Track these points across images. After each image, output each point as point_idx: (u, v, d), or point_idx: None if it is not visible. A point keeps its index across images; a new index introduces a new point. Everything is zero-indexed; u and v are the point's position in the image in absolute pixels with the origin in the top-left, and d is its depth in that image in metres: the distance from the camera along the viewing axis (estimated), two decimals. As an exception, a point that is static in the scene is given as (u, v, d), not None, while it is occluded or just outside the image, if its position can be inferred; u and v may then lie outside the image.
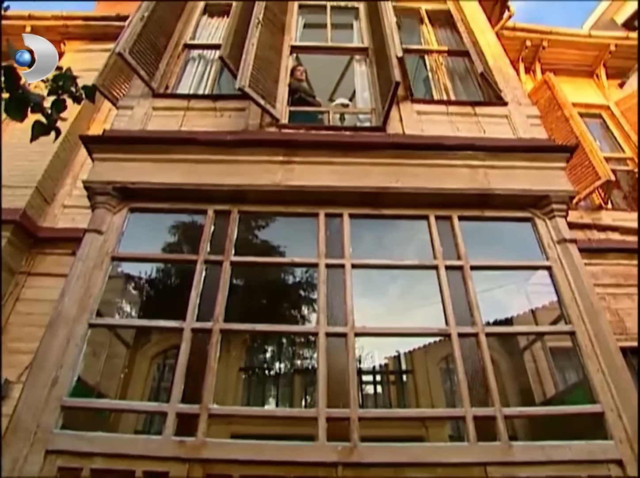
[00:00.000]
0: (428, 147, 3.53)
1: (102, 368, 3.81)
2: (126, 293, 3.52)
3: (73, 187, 5.26)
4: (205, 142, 3.50)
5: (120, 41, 3.79)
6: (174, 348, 3.24)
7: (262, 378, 4.01)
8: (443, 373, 4.29)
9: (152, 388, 4.13)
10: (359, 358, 3.68)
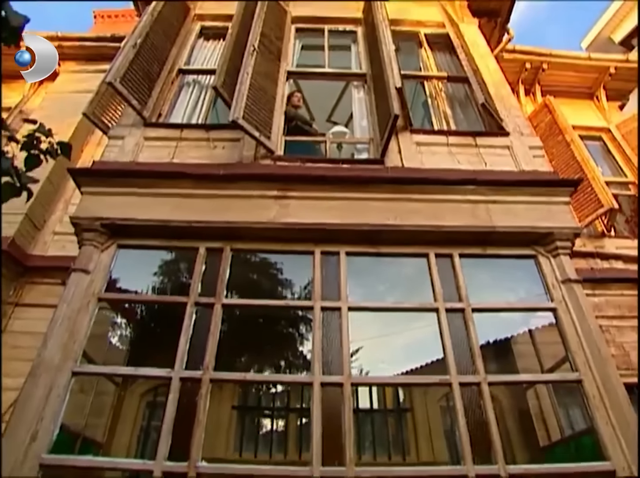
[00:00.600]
0: (428, 182, 3.42)
1: (90, 406, 3.66)
2: (113, 334, 3.38)
3: (64, 213, 5.13)
4: (197, 176, 3.38)
5: (111, 69, 3.69)
6: (164, 386, 3.11)
7: (256, 418, 3.86)
8: (443, 412, 4.14)
9: (142, 428, 3.97)
10: (355, 400, 3.54)
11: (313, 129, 4.74)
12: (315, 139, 4.43)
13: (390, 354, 4.23)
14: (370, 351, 3.89)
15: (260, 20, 4.38)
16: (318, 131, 4.84)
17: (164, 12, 4.57)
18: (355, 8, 5.40)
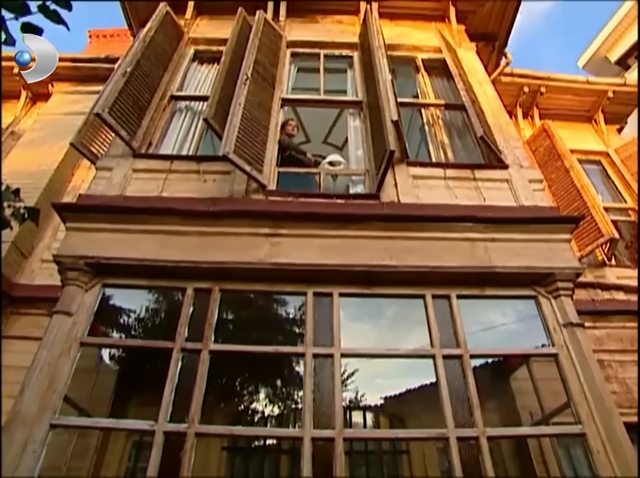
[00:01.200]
0: (425, 219, 3.32)
1: (73, 448, 3.51)
2: (97, 377, 3.24)
3: (53, 239, 5.02)
4: (186, 213, 3.26)
5: (99, 99, 3.59)
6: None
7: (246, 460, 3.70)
8: (440, 454, 3.99)
9: (128, 469, 3.81)
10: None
11: (307, 158, 4.64)
12: (309, 170, 4.32)
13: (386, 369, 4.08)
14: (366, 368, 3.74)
15: (254, 47, 4.30)
16: (312, 161, 4.74)
17: (157, 38, 4.48)
18: (352, 32, 5.35)
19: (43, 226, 5.08)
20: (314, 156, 6.99)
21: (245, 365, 3.05)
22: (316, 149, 6.92)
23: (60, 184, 5.39)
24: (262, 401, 3.39)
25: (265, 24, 4.73)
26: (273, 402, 3.30)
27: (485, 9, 5.65)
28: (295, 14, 5.53)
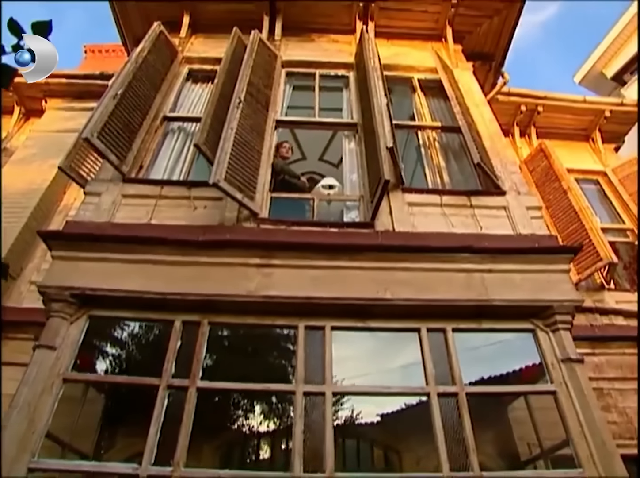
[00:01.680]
0: (420, 250, 3.24)
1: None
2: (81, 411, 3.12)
3: (42, 261, 4.90)
4: (175, 242, 3.18)
5: (88, 123, 3.51)
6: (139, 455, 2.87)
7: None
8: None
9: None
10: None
11: (301, 182, 4.57)
12: (303, 196, 4.24)
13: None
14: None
15: (248, 68, 4.24)
16: (306, 184, 4.67)
17: (149, 58, 4.42)
18: (348, 52, 5.30)
19: (32, 247, 4.99)
20: (309, 174, 6.99)
21: (234, 401, 2.95)
22: (312, 166, 6.90)
23: (51, 204, 5.31)
24: (251, 441, 3.27)
25: (259, 45, 4.68)
26: (263, 442, 3.19)
27: (482, 29, 5.63)
28: (291, 33, 5.49)
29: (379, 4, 5.39)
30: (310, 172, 6.94)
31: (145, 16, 5.52)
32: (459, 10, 5.43)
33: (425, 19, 5.57)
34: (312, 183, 6.90)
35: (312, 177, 7.00)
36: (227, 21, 5.47)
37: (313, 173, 6.95)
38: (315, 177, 6.96)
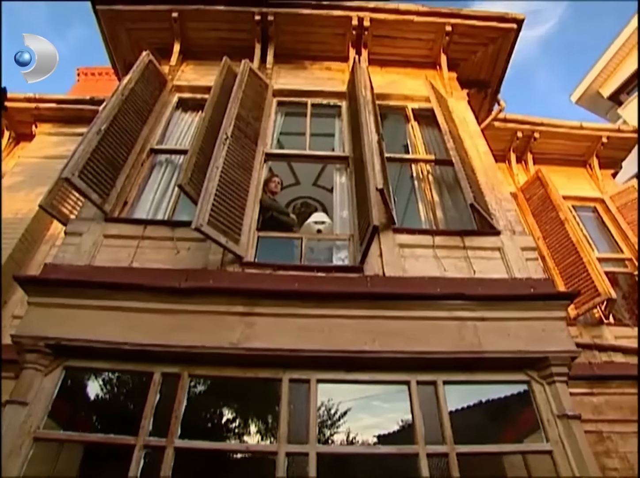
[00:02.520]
0: (410, 297, 3.12)
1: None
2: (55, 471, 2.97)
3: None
4: (155, 289, 3.06)
5: (69, 162, 3.40)
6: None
7: None
8: None
9: None
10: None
11: (290, 219, 4.46)
12: (291, 236, 4.12)
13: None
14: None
15: (237, 101, 4.15)
16: (295, 221, 4.56)
17: (137, 89, 4.33)
18: (341, 80, 5.22)
19: (16, 278, 4.85)
20: (303, 199, 6.90)
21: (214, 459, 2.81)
22: (306, 192, 6.80)
23: (37, 233, 5.19)
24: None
25: (250, 75, 4.60)
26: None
27: (477, 57, 5.56)
28: (284, 60, 5.42)
29: (372, 32, 5.32)
30: (305, 197, 6.86)
31: (136, 42, 5.46)
32: (454, 38, 5.36)
33: (420, 46, 5.50)
34: (305, 208, 6.84)
35: (306, 202, 6.94)
36: (219, 48, 5.41)
37: (307, 198, 6.87)
38: (310, 203, 6.89)
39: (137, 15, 5.18)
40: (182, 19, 5.22)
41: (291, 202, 6.91)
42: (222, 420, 2.96)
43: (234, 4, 5.16)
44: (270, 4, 5.17)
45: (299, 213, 7.00)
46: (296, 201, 6.93)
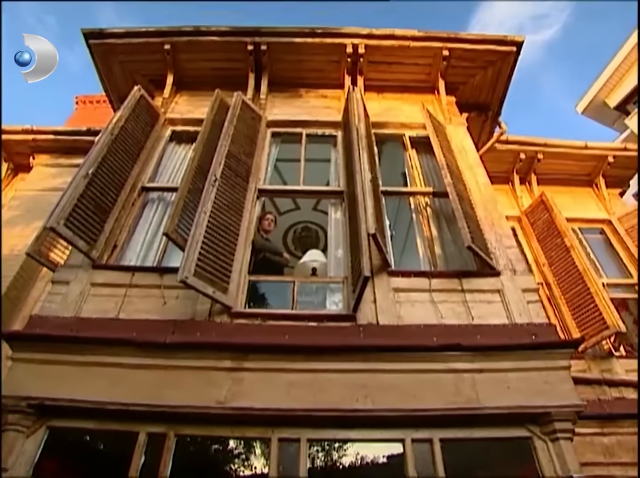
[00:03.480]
0: (405, 349, 2.99)
1: None
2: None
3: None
4: (141, 344, 2.97)
5: (55, 209, 3.33)
6: None
7: None
8: None
9: None
10: None
11: (284, 258, 4.34)
12: (283, 279, 4.01)
13: None
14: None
15: (228, 138, 4.07)
16: (288, 261, 4.45)
17: (128, 127, 4.27)
18: (337, 109, 5.12)
19: (12, 316, 4.82)
20: (304, 223, 6.80)
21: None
22: (306, 216, 6.70)
23: (33, 270, 5.14)
24: None
25: (242, 108, 4.52)
26: None
27: (476, 80, 5.43)
28: (278, 88, 5.34)
29: (368, 58, 5.23)
30: (305, 221, 6.76)
31: (130, 74, 5.43)
32: (451, 62, 5.24)
33: (417, 71, 5.39)
34: (306, 232, 6.74)
35: (306, 226, 6.85)
36: (213, 78, 5.37)
37: (308, 222, 6.77)
38: (310, 227, 6.79)
39: (129, 48, 5.14)
40: (175, 51, 5.17)
41: (292, 227, 6.84)
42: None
43: (226, 34, 5.10)
44: (263, 34, 5.10)
45: (300, 237, 6.93)
46: (297, 225, 6.85)
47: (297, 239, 6.99)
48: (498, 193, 6.23)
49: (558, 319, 5.03)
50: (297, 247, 7.00)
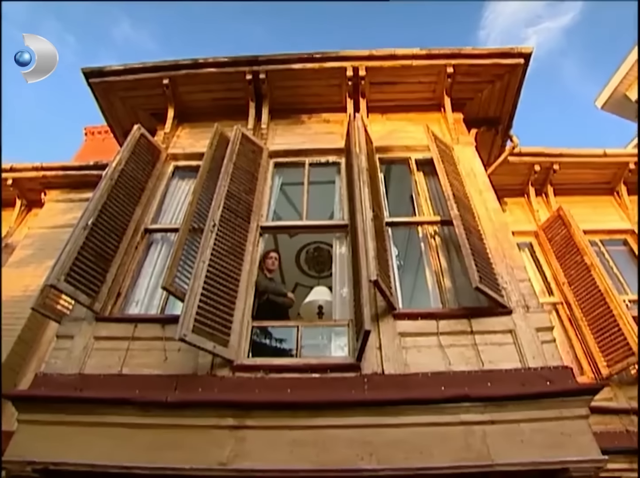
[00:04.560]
0: (411, 402, 2.87)
1: None
2: None
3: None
4: (143, 404, 2.94)
5: (55, 266, 3.34)
6: None
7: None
8: None
9: None
10: None
11: (288, 299, 4.25)
12: (286, 324, 3.91)
13: None
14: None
15: (227, 177, 4.01)
16: (293, 300, 4.36)
17: (128, 169, 4.26)
18: (340, 134, 4.99)
19: (27, 359, 4.91)
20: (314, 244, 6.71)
21: None
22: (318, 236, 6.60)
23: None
24: None
25: (242, 142, 4.46)
26: None
27: (484, 95, 5.24)
28: (280, 115, 5.27)
29: (369, 79, 5.09)
30: (317, 242, 6.67)
31: (131, 109, 5.45)
32: (456, 78, 5.06)
33: (421, 89, 5.23)
34: (318, 252, 6.65)
35: (318, 247, 6.76)
36: (213, 108, 5.36)
37: (320, 243, 6.68)
38: (322, 247, 6.69)
39: (129, 85, 5.15)
40: (174, 84, 5.15)
41: (304, 247, 6.77)
42: None
43: (224, 65, 5.05)
44: (261, 62, 5.03)
45: (313, 258, 6.86)
46: (309, 246, 6.78)
47: (310, 260, 6.93)
48: (513, 206, 6.08)
49: (580, 341, 4.81)
50: (311, 267, 6.96)
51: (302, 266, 7.10)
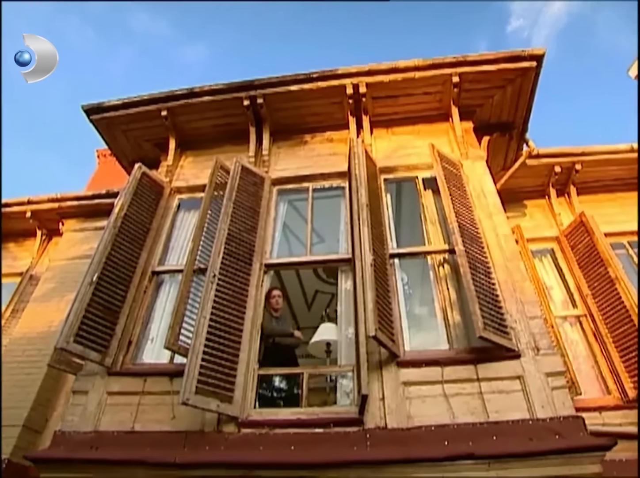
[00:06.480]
0: (412, 461, 2.84)
1: None
2: None
3: (66, 408, 5.00)
4: (154, 465, 3.04)
5: (63, 329, 3.45)
6: None
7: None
8: None
9: None
10: None
11: (295, 338, 4.24)
12: (292, 371, 3.90)
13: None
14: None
15: (227, 217, 3.98)
16: (301, 338, 4.34)
17: (131, 213, 4.30)
18: (344, 154, 4.79)
19: (55, 394, 5.13)
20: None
21: None
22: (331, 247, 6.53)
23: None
24: None
25: (242, 176, 4.39)
26: None
27: (495, 100, 4.94)
28: (282, 137, 5.17)
29: (371, 94, 4.88)
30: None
31: (134, 140, 5.48)
32: (463, 86, 4.78)
33: (427, 100, 4.98)
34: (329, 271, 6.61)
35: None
36: (215, 134, 5.34)
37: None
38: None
39: (129, 119, 5.15)
40: (172, 114, 5.11)
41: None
42: None
43: (220, 92, 4.96)
44: (257, 86, 4.90)
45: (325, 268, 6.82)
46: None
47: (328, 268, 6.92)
48: (533, 209, 5.81)
49: (605, 358, 4.60)
50: (329, 274, 6.93)
51: (320, 274, 7.08)
